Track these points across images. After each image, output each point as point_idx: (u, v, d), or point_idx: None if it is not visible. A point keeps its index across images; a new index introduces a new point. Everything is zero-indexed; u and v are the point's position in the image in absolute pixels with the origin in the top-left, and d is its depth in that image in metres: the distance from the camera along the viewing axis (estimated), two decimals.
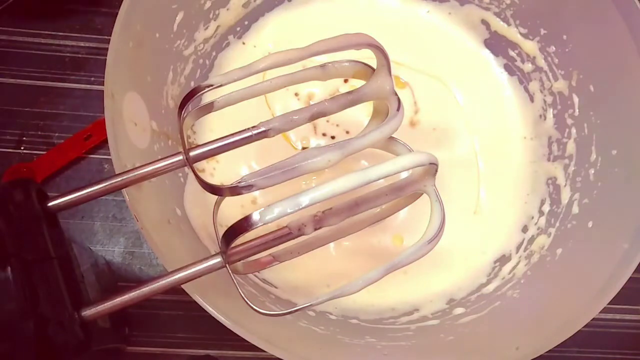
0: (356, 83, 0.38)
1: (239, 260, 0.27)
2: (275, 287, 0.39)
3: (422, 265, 0.39)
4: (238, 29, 0.44)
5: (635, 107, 0.36)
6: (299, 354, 0.29)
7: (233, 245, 0.24)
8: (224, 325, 0.28)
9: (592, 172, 0.38)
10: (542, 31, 0.42)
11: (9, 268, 0.22)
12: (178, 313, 0.42)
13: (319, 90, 0.44)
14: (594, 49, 0.39)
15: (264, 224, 0.23)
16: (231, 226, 0.24)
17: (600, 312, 0.31)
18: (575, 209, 0.38)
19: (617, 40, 0.36)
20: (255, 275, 0.38)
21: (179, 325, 0.42)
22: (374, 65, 0.29)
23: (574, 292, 0.34)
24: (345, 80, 0.43)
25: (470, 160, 0.44)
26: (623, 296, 0.31)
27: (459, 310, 0.38)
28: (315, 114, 0.28)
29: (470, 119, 0.44)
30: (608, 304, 0.31)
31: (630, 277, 0.32)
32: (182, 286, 0.26)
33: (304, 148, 0.42)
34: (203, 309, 0.28)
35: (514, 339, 0.33)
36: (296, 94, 0.43)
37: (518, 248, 0.41)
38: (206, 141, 0.27)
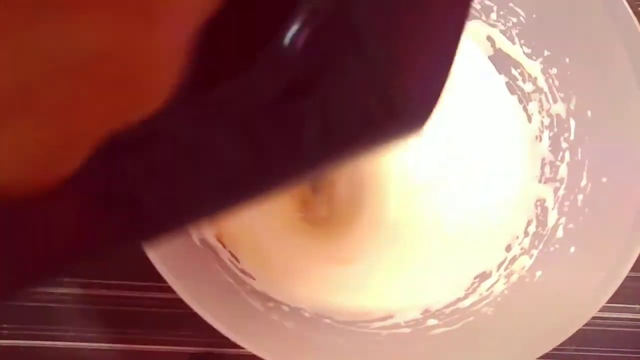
0: None
1: None
2: (253, 279, 0.39)
3: (406, 274, 0.39)
4: None
5: (630, 139, 0.36)
6: (264, 346, 0.29)
7: None
8: None
9: (581, 197, 0.38)
10: (546, 52, 0.42)
11: None
12: (179, 311, 0.41)
13: None
14: (595, 76, 0.39)
15: None
16: None
17: (599, 310, 0.31)
18: (559, 233, 0.38)
19: (619, 71, 0.36)
20: (234, 265, 0.38)
21: (180, 323, 0.41)
22: None
23: (548, 316, 0.34)
24: None
25: (462, 176, 0.44)
26: (622, 295, 0.31)
27: (432, 322, 0.38)
28: None
29: (464, 136, 0.44)
30: (606, 303, 0.31)
31: (628, 276, 0.32)
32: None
33: None
34: None
35: (484, 356, 0.33)
36: None
37: (499, 266, 0.41)
38: None
